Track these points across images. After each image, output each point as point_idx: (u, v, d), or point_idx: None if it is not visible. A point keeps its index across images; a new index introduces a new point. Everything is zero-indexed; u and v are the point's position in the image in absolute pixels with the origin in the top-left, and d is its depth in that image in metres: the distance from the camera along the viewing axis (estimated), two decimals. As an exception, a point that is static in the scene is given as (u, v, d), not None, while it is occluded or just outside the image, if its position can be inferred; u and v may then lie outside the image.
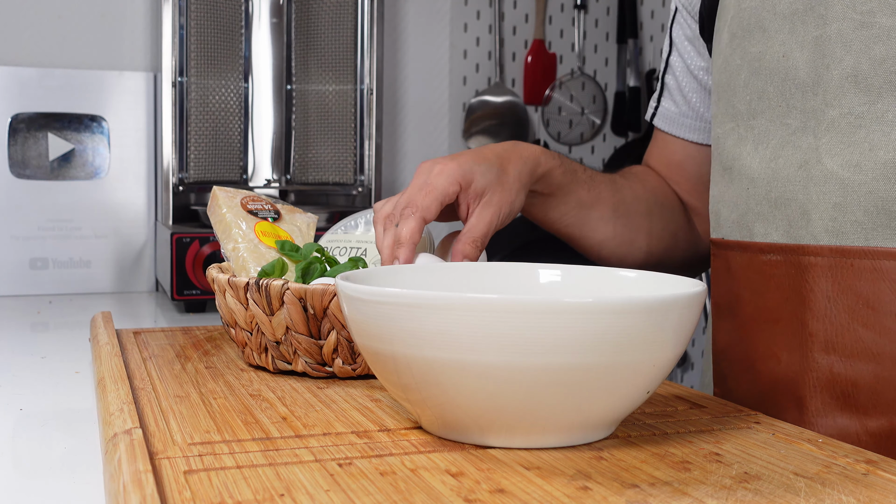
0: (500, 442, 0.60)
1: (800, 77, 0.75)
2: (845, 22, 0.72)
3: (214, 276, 0.83)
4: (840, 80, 0.73)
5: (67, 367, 0.96)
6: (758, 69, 0.79)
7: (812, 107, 0.74)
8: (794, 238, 0.76)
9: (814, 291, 0.74)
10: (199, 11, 1.43)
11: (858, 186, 0.72)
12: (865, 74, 0.71)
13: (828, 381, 0.74)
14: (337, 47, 1.52)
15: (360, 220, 0.95)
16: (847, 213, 0.72)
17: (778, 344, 0.78)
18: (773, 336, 0.78)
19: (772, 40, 0.78)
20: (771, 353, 0.79)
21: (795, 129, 0.76)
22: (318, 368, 0.80)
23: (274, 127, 1.55)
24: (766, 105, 0.78)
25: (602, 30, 1.91)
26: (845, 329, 0.73)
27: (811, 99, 0.74)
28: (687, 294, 0.58)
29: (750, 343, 0.81)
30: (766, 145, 0.78)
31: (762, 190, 0.78)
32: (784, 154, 0.76)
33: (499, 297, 0.55)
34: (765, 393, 0.79)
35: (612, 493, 0.52)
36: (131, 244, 1.54)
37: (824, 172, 0.73)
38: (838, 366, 0.73)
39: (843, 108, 0.72)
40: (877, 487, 0.54)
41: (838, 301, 0.73)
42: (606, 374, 0.56)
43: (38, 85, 1.49)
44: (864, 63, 0.71)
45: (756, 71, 0.79)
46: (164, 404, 0.70)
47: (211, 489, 0.52)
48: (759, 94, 0.79)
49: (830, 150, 0.73)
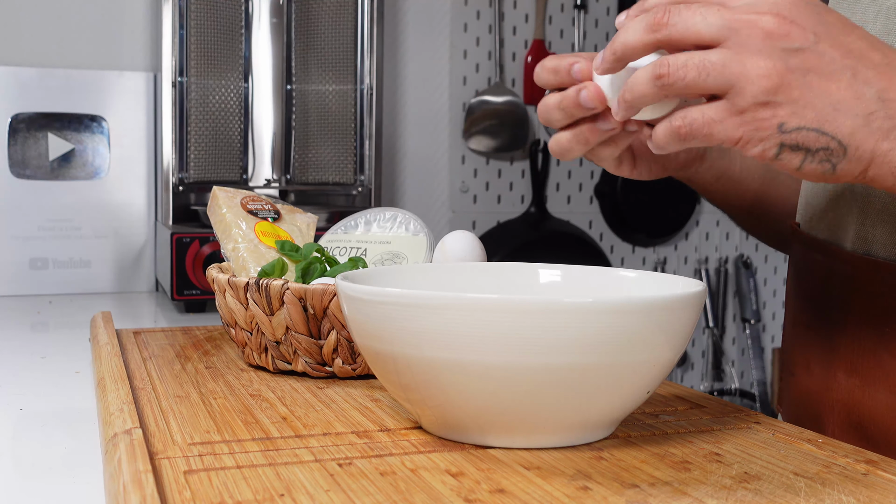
0: (500, 442, 0.60)
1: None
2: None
3: (214, 276, 0.83)
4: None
5: (67, 367, 0.96)
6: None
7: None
8: (836, 239, 0.69)
9: (847, 303, 0.68)
10: (199, 11, 1.43)
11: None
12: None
13: (845, 406, 0.69)
14: (337, 47, 1.52)
15: (360, 220, 0.95)
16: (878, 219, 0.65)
17: (812, 353, 0.72)
18: (810, 344, 0.73)
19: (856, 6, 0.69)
20: (805, 361, 0.73)
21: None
22: (318, 368, 0.80)
23: (274, 127, 1.55)
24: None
25: (602, 30, 1.91)
26: (869, 352, 0.66)
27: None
28: (687, 294, 0.58)
29: (795, 344, 0.76)
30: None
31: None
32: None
33: (499, 297, 0.55)
34: (795, 402, 0.75)
35: (612, 493, 0.52)
36: (131, 244, 1.54)
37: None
38: (858, 392, 0.67)
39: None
40: (877, 487, 0.54)
41: (866, 318, 0.66)
42: (606, 374, 0.56)
43: (38, 85, 1.49)
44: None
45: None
46: (164, 404, 0.70)
47: (211, 489, 0.52)
48: None
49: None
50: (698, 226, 2.00)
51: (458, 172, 1.81)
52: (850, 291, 0.68)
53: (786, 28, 0.52)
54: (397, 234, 0.92)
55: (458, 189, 1.82)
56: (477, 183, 1.83)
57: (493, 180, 1.84)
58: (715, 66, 0.53)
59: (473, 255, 0.83)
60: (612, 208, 1.90)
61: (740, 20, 0.53)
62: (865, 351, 0.67)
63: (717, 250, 2.03)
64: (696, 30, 0.53)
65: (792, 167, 0.54)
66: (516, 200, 1.86)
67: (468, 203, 1.83)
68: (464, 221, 1.82)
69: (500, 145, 1.82)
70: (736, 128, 0.54)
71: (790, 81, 0.52)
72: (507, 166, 1.85)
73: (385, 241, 0.92)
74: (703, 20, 0.53)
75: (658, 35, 0.55)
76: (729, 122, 0.54)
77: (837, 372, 0.69)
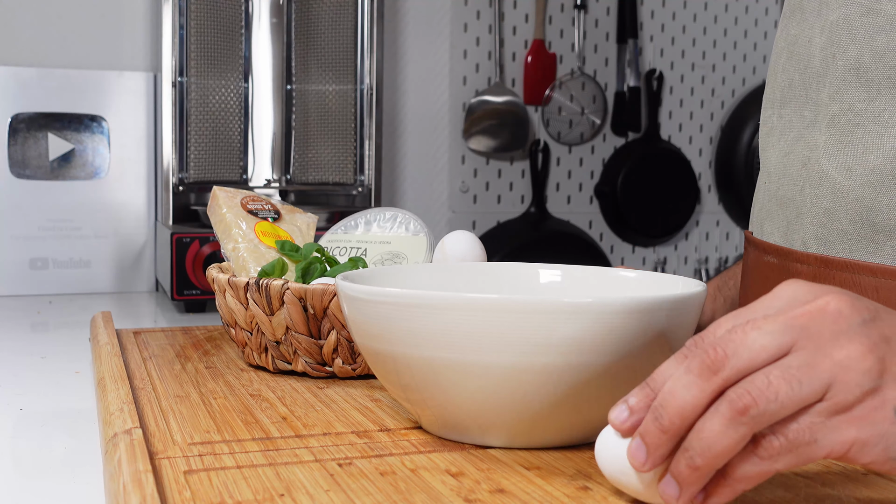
0: (500, 442, 0.60)
1: (814, 65, 0.69)
2: (853, 6, 0.66)
3: (214, 276, 0.83)
4: (843, 72, 0.66)
5: (67, 367, 0.96)
6: (791, 54, 0.72)
7: (820, 99, 0.69)
8: (789, 241, 0.72)
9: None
10: (199, 11, 1.43)
11: (847, 192, 0.66)
12: (867, 67, 0.65)
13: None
14: (337, 47, 1.51)
15: (360, 220, 0.95)
16: (835, 220, 0.67)
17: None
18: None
19: (805, 23, 0.71)
20: None
21: (809, 122, 0.70)
22: (318, 368, 0.80)
23: (274, 127, 1.55)
24: (793, 94, 0.72)
25: (602, 30, 1.91)
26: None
27: (821, 90, 0.68)
28: (687, 294, 0.58)
29: None
30: (785, 138, 0.73)
31: (773, 186, 0.74)
32: (796, 149, 0.71)
33: (499, 297, 0.55)
34: None
35: (612, 493, 0.52)
36: (131, 244, 1.54)
37: (820, 173, 0.68)
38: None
39: (843, 104, 0.67)
40: (877, 487, 0.54)
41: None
42: (606, 374, 0.56)
43: (38, 85, 1.49)
44: (866, 54, 0.65)
45: (791, 55, 0.72)
46: (164, 404, 0.70)
47: (211, 489, 0.52)
48: (789, 82, 0.72)
49: (828, 149, 0.68)
50: (698, 226, 2.00)
51: (458, 172, 1.81)
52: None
53: (848, 302, 0.45)
54: (397, 234, 0.92)
55: (458, 189, 1.82)
56: (477, 183, 1.83)
57: (493, 180, 1.84)
58: (802, 370, 0.43)
59: (473, 255, 0.83)
60: (612, 208, 1.90)
61: (802, 314, 0.45)
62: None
63: (717, 250, 2.03)
64: (760, 346, 0.44)
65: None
66: (516, 200, 1.86)
67: (468, 203, 1.83)
68: (464, 221, 1.82)
69: (500, 145, 1.82)
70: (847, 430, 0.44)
71: (884, 356, 0.44)
72: (507, 166, 1.85)
73: (385, 241, 0.92)
74: (762, 334, 0.44)
75: (723, 374, 0.44)
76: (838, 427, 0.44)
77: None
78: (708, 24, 1.98)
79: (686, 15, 1.96)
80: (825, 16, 0.68)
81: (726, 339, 0.44)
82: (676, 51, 1.96)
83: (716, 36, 1.98)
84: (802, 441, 0.43)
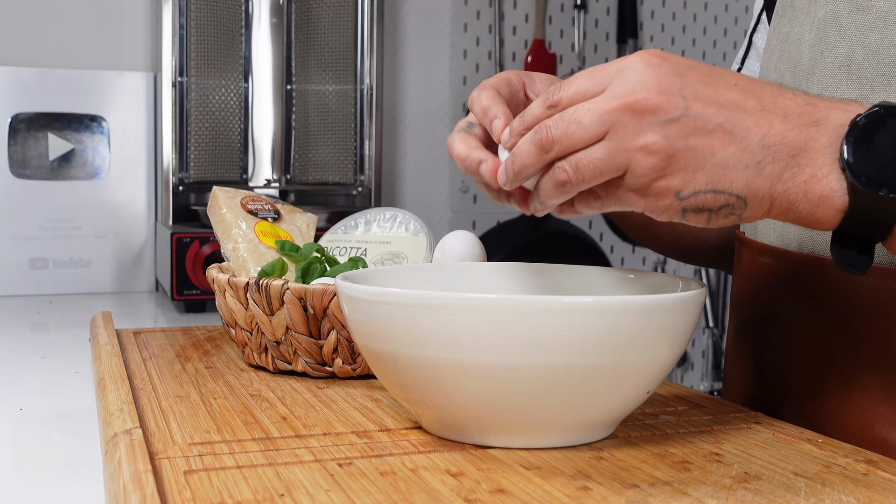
0: (500, 442, 0.60)
1: (804, 63, 0.70)
2: (841, 3, 0.66)
3: (214, 276, 0.83)
4: (833, 69, 0.67)
5: (67, 367, 0.96)
6: (783, 52, 0.73)
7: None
8: (784, 242, 0.72)
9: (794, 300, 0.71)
10: (199, 11, 1.43)
11: None
12: (859, 64, 0.65)
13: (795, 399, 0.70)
14: (337, 47, 1.52)
15: (360, 220, 0.95)
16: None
17: (764, 352, 0.75)
18: (761, 343, 0.75)
19: (796, 20, 0.71)
20: (754, 361, 0.76)
21: None
22: (318, 368, 0.80)
23: (274, 127, 1.55)
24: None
25: (602, 30, 1.91)
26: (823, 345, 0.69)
27: (810, 88, 0.69)
28: (687, 294, 0.58)
29: (742, 347, 0.79)
30: None
31: None
32: None
33: (499, 297, 0.55)
34: (745, 402, 0.77)
35: (612, 493, 0.52)
36: (131, 244, 1.54)
37: None
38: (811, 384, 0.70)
39: None
40: (877, 487, 0.54)
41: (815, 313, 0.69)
42: (606, 374, 0.56)
43: (38, 85, 1.49)
44: (857, 51, 0.65)
45: (782, 54, 0.73)
46: (164, 404, 0.70)
47: (211, 489, 0.52)
48: (780, 80, 0.72)
49: None
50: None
51: (458, 172, 1.81)
52: (796, 288, 0.70)
53: (654, 102, 0.53)
54: (397, 234, 0.92)
55: (458, 189, 1.82)
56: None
57: (493, 180, 1.84)
58: (604, 161, 0.55)
59: (473, 255, 0.83)
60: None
61: (611, 110, 0.54)
62: (819, 344, 0.68)
63: (717, 250, 2.02)
64: (579, 137, 0.55)
65: (700, 225, 0.57)
66: (516, 200, 1.86)
67: (468, 203, 1.83)
68: (464, 221, 1.82)
69: (500, 145, 1.82)
70: (638, 202, 0.56)
71: (674, 152, 0.54)
72: (507, 166, 1.85)
73: (385, 241, 0.92)
74: (580, 126, 0.55)
75: (551, 154, 0.56)
76: (632, 197, 0.56)
77: (793, 365, 0.71)
78: (708, 24, 1.98)
79: (686, 15, 1.96)
80: (814, 13, 0.69)
81: (557, 123, 0.56)
82: (676, 51, 1.95)
83: (716, 36, 1.98)
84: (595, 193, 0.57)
